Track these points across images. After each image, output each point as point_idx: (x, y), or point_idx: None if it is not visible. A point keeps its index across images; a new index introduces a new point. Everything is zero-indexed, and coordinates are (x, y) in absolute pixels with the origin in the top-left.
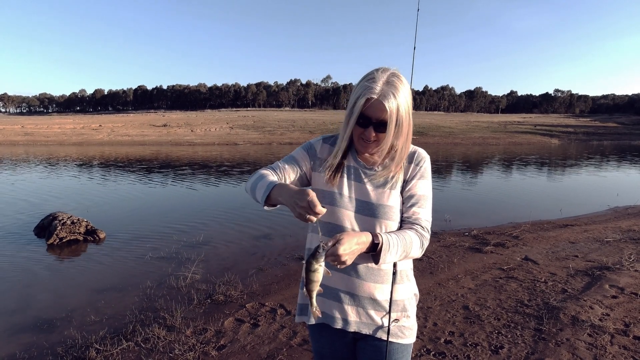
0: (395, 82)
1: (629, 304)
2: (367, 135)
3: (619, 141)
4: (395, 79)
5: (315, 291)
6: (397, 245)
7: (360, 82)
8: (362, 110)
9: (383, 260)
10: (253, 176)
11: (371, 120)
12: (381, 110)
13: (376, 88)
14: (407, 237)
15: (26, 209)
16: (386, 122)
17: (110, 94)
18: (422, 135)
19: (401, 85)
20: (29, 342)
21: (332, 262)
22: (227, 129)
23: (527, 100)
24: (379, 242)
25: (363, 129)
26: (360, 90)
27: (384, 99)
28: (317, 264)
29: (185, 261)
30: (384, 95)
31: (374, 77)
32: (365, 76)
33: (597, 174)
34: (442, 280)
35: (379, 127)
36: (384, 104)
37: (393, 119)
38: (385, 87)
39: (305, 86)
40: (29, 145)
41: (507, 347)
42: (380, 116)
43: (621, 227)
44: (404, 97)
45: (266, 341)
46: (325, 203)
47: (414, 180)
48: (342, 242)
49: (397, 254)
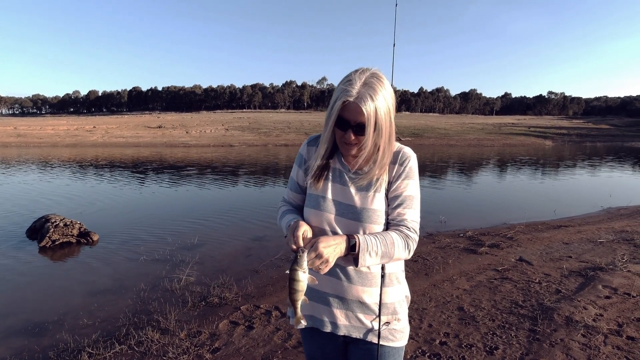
0: (374, 84)
1: (622, 304)
2: (347, 138)
3: (612, 143)
4: (374, 79)
5: (300, 300)
6: (377, 247)
7: (339, 85)
8: (340, 114)
9: (363, 261)
10: (278, 214)
11: (350, 123)
12: (358, 113)
13: (353, 91)
14: (389, 238)
15: (18, 211)
16: (364, 124)
17: (105, 95)
18: (418, 137)
19: (380, 87)
20: (20, 346)
21: (316, 264)
22: (222, 130)
23: (521, 102)
24: (355, 241)
25: (343, 132)
26: (338, 94)
27: (361, 102)
28: (300, 270)
29: (179, 263)
30: (361, 97)
31: (352, 80)
32: (344, 79)
33: (590, 175)
34: (437, 282)
35: (358, 129)
36: (361, 106)
37: (371, 121)
38: (363, 89)
39: (300, 88)
40: (22, 146)
41: (501, 348)
42: (358, 119)
43: (614, 228)
44: (382, 99)
45: (261, 344)
46: (310, 207)
47: (398, 180)
48: (320, 240)
49: (377, 255)
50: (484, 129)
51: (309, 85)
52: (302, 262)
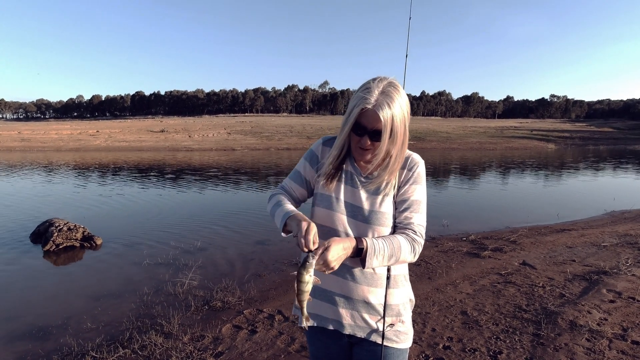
0: (391, 92)
1: (626, 308)
2: (363, 144)
3: (615, 146)
4: (391, 88)
5: (306, 301)
6: (384, 250)
7: (357, 93)
8: (358, 120)
9: (369, 264)
10: (270, 202)
11: (367, 130)
12: (376, 120)
13: (371, 98)
14: (395, 241)
15: (22, 215)
16: (381, 131)
17: (108, 100)
18: (420, 141)
19: (397, 95)
20: (25, 350)
21: (322, 269)
22: (224, 134)
23: (524, 106)
24: (363, 247)
25: (359, 138)
26: (356, 101)
27: (379, 109)
28: (307, 274)
29: (182, 267)
30: (379, 105)
31: (370, 88)
32: (362, 86)
33: (593, 178)
34: (440, 286)
35: (374, 136)
36: (378, 114)
37: (387, 128)
38: (381, 97)
39: (303, 92)
40: (26, 151)
41: (505, 353)
42: (375, 125)
43: (618, 232)
44: (399, 107)
45: (264, 348)
46: (322, 206)
47: (406, 185)
48: (330, 249)
49: (384, 258)
50: (486, 133)
51: (311, 89)
52: (310, 266)
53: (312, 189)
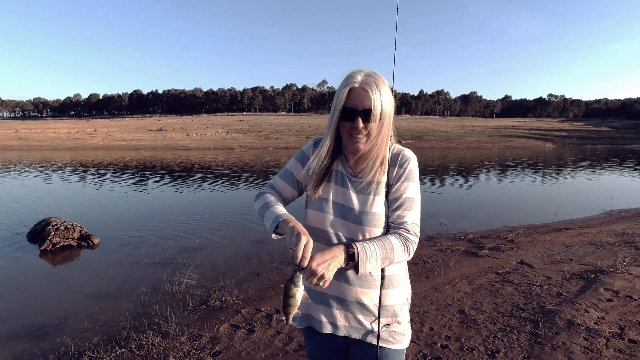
0: (375, 77)
1: (623, 307)
2: (356, 127)
3: (612, 145)
4: (374, 74)
5: (293, 314)
6: (376, 253)
7: (341, 84)
8: (346, 104)
9: (364, 269)
10: (259, 200)
11: (357, 110)
12: (365, 98)
13: (357, 79)
14: (388, 243)
15: (19, 214)
16: (371, 109)
17: (106, 99)
18: (418, 140)
19: (381, 81)
20: (21, 350)
21: (313, 282)
22: (223, 133)
23: (522, 105)
24: (354, 251)
25: (351, 122)
26: (342, 87)
27: (366, 86)
28: (295, 288)
29: (180, 266)
30: (366, 83)
31: (353, 74)
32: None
33: (591, 177)
34: (438, 285)
35: (365, 115)
36: (367, 90)
37: (377, 108)
38: (365, 78)
39: (301, 91)
40: (23, 150)
41: (503, 351)
42: (365, 104)
43: (615, 231)
44: (385, 90)
45: (262, 347)
46: (313, 208)
47: (398, 182)
48: (314, 258)
49: (377, 261)
50: (484, 132)
51: (310, 88)
52: (297, 280)
53: (303, 189)
